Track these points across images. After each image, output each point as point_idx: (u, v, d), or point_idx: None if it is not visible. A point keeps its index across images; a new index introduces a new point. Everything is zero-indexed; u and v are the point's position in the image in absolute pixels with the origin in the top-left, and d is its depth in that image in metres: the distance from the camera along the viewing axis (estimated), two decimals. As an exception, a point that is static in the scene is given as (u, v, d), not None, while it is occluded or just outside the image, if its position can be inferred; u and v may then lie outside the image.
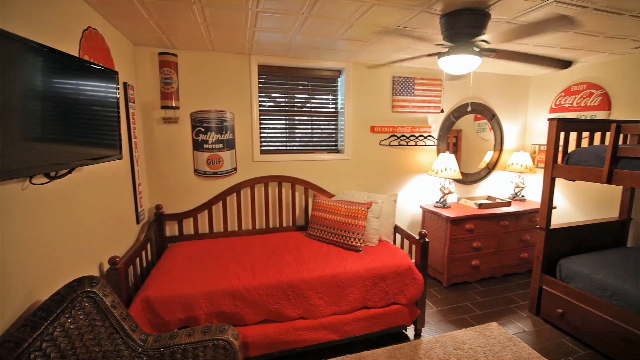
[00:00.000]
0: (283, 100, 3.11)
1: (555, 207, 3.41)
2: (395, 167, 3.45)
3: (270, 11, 1.89)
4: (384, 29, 2.17)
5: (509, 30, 1.78)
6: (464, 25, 1.86)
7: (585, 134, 2.74)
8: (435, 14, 1.90)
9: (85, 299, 1.33)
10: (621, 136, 2.13)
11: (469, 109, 3.47)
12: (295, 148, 3.19)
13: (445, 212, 3.11)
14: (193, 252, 2.46)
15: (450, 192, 3.33)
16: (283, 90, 3.10)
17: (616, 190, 2.90)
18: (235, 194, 2.96)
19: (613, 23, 2.03)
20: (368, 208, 2.59)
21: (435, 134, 3.52)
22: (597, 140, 2.66)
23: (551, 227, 2.59)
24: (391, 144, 3.38)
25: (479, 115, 3.67)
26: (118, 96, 1.76)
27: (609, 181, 2.13)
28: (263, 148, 3.08)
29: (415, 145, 3.47)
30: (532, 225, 3.36)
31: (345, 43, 2.50)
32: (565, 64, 2.21)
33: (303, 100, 3.17)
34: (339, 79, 3.23)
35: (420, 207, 3.47)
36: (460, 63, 2.00)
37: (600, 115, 3.05)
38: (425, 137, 3.47)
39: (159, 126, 2.71)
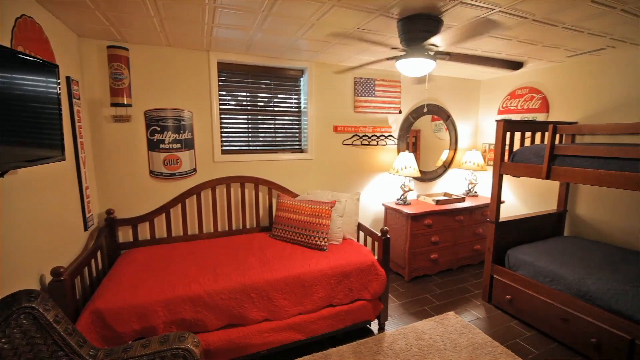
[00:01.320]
0: (245, 99, 3.04)
1: (503, 202, 3.68)
2: (358, 166, 3.52)
3: (229, 7, 1.84)
4: (344, 31, 2.20)
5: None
6: (419, 29, 1.94)
7: (528, 134, 2.99)
8: (393, 18, 1.96)
9: (22, 315, 1.20)
10: (557, 136, 2.36)
11: (425, 109, 3.64)
12: (258, 148, 3.14)
13: (406, 209, 3.23)
14: (149, 258, 2.32)
15: (410, 190, 3.47)
16: (245, 88, 3.03)
17: (554, 185, 3.20)
18: (195, 196, 2.84)
19: (549, 34, 2.23)
20: (332, 207, 2.62)
21: (396, 134, 3.65)
22: (537, 140, 2.91)
23: (500, 220, 2.80)
24: (354, 143, 3.45)
25: (435, 116, 3.86)
26: (59, 92, 1.61)
27: (547, 177, 2.35)
28: (224, 148, 2.99)
29: (377, 144, 3.56)
30: (484, 219, 3.60)
31: (307, 43, 2.51)
32: (516, 65, 2.34)
33: (266, 100, 3.13)
34: (301, 79, 3.23)
35: (383, 204, 3.57)
36: (417, 66, 2.09)
37: (541, 117, 3.35)
38: (386, 137, 3.58)
39: (109, 125, 2.53)
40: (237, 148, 3.05)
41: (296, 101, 3.26)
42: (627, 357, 1.92)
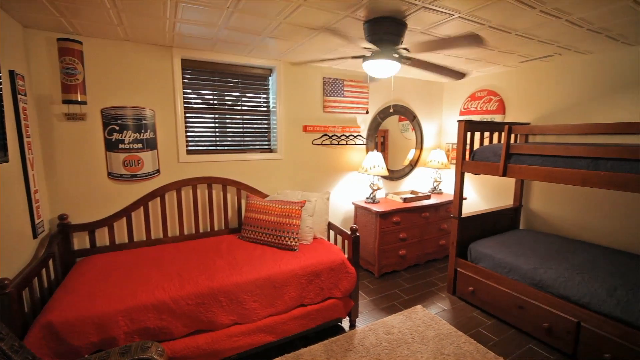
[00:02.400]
0: (212, 97, 2.95)
1: (465, 198, 3.87)
2: (328, 166, 3.54)
3: (192, 3, 1.77)
4: (311, 30, 2.20)
5: (426, 42, 1.97)
6: (384, 32, 1.99)
7: (487, 134, 3.17)
8: (359, 20, 1.99)
9: (-42, 334, 1.09)
10: (513, 136, 2.51)
11: (392, 110, 3.74)
12: (226, 148, 3.06)
13: (375, 207, 3.30)
14: (108, 265, 2.19)
15: (378, 188, 3.54)
16: (212, 87, 2.94)
17: (511, 182, 3.42)
18: (158, 198, 2.72)
19: (504, 40, 2.38)
20: (302, 207, 2.62)
21: (364, 134, 3.72)
22: (495, 140, 3.09)
23: (463, 216, 2.94)
24: (323, 143, 3.46)
25: (402, 117, 3.97)
26: (0, 87, 1.47)
27: (504, 174, 2.50)
28: (190, 148, 2.88)
29: (346, 144, 3.61)
30: (448, 215, 3.77)
31: (275, 42, 2.48)
32: (460, 75, 2.65)
33: (234, 99, 3.06)
34: (270, 78, 3.19)
35: (352, 203, 3.63)
36: (382, 67, 2.14)
37: (498, 118, 3.56)
38: (355, 137, 3.64)
39: (61, 123, 2.35)
40: (204, 148, 2.96)
41: (265, 101, 3.22)
42: (575, 338, 2.10)
